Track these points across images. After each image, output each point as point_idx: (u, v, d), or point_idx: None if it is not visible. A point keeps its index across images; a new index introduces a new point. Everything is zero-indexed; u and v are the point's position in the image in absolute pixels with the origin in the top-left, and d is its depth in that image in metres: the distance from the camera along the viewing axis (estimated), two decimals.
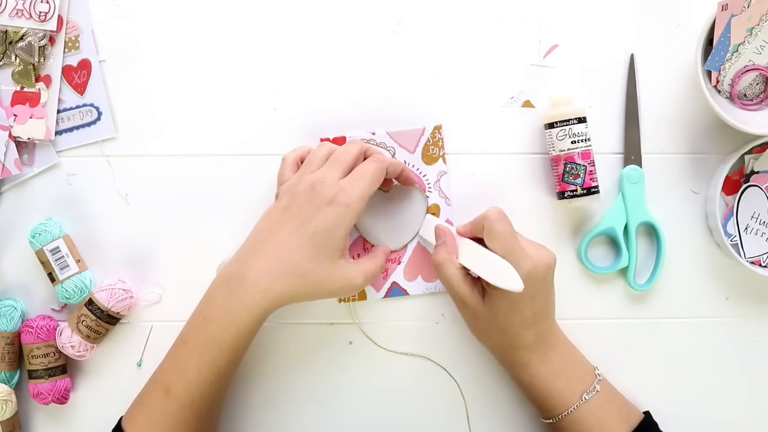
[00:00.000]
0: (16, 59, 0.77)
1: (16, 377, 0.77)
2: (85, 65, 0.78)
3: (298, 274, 0.68)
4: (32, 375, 0.76)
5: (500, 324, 0.71)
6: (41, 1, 0.76)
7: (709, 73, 0.75)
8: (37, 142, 0.77)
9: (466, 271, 0.71)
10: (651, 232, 0.78)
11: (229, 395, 0.78)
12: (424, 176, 0.78)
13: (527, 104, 0.79)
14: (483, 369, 0.78)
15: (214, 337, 0.68)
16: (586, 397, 0.70)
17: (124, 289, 0.76)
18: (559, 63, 0.78)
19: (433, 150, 0.78)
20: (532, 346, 0.71)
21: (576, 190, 0.75)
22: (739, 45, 0.73)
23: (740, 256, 0.76)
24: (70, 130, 0.78)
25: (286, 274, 0.68)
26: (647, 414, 0.73)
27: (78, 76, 0.78)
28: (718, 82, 0.75)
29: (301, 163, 0.74)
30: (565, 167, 0.75)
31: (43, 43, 0.76)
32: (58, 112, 0.78)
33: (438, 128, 0.78)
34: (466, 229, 0.73)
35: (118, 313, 0.76)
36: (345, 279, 0.70)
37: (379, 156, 0.73)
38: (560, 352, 0.72)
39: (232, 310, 0.68)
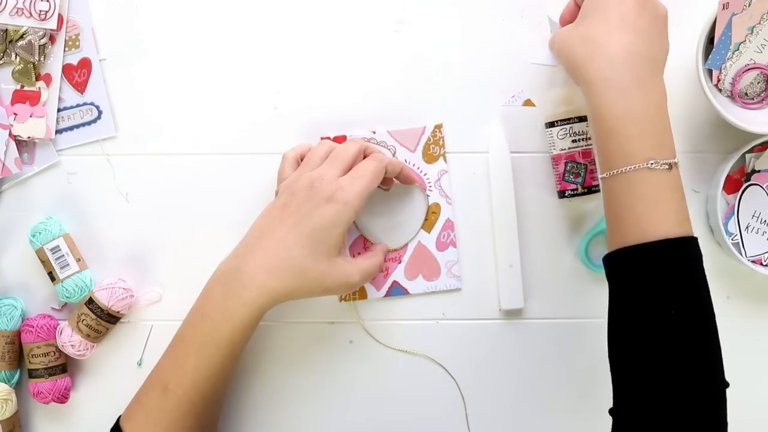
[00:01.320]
0: (16, 58, 0.76)
1: (16, 376, 0.77)
2: (85, 64, 0.78)
3: (295, 270, 0.68)
4: (32, 374, 0.76)
5: (582, 23, 0.68)
6: (41, 0, 0.76)
7: (710, 72, 0.75)
8: (37, 140, 0.77)
9: None
10: None
11: (229, 394, 0.78)
12: (424, 175, 0.78)
13: (528, 103, 0.78)
14: (483, 369, 0.78)
15: (211, 334, 0.68)
16: (653, 164, 0.63)
17: (124, 288, 0.76)
18: (559, 62, 0.78)
19: (433, 149, 0.78)
20: (615, 58, 0.65)
21: (577, 189, 0.75)
22: (740, 44, 0.73)
23: (741, 255, 0.76)
24: (71, 128, 0.78)
25: (283, 270, 0.68)
26: (696, 239, 0.65)
27: (78, 74, 0.78)
28: (719, 80, 0.75)
29: (302, 160, 0.74)
30: (565, 166, 0.75)
31: (43, 41, 0.76)
32: (59, 110, 0.78)
33: (439, 127, 0.78)
34: None
35: (118, 312, 0.76)
36: (342, 276, 0.70)
37: (379, 155, 0.73)
38: (647, 95, 0.65)
39: (229, 307, 0.68)
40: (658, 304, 0.62)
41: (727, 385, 0.62)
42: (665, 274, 0.62)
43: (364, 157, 0.73)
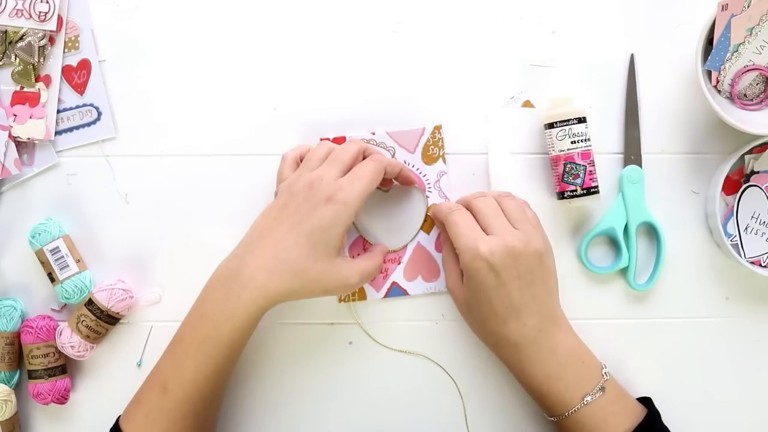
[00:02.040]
0: (15, 59, 0.77)
1: (16, 377, 0.77)
2: (84, 65, 0.78)
3: (294, 271, 0.68)
4: (32, 375, 0.76)
5: (476, 316, 0.71)
6: (41, 1, 0.76)
7: (709, 73, 0.75)
8: (36, 142, 0.77)
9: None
10: (651, 232, 0.78)
11: (229, 395, 0.78)
12: (424, 176, 0.78)
13: (527, 104, 0.78)
14: (482, 369, 0.78)
15: (211, 334, 0.68)
16: (588, 399, 0.69)
17: (123, 289, 0.76)
18: (559, 63, 0.78)
19: (433, 150, 0.78)
20: (518, 345, 0.70)
21: (576, 190, 0.75)
22: (739, 45, 0.73)
23: (740, 256, 0.76)
24: (70, 130, 0.78)
25: (283, 271, 0.68)
26: (649, 403, 0.72)
27: (78, 76, 0.78)
28: (718, 82, 0.75)
29: (301, 161, 0.74)
30: (564, 167, 0.75)
31: (42, 43, 0.76)
32: (58, 112, 0.78)
33: (438, 128, 0.78)
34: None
35: (117, 313, 0.76)
36: (341, 277, 0.70)
37: (378, 156, 0.73)
38: (558, 353, 0.70)
39: (228, 307, 0.68)
40: None
41: None
42: None
43: (364, 158, 0.73)
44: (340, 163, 0.71)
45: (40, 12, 0.76)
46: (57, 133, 0.78)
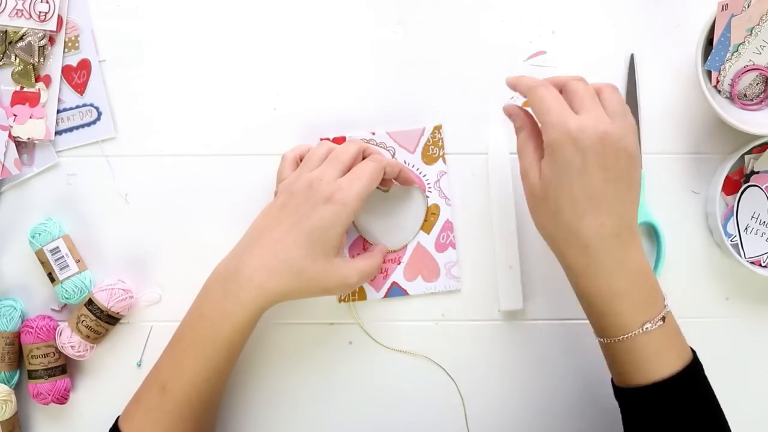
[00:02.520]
0: (15, 59, 0.77)
1: (16, 377, 0.77)
2: (84, 65, 0.78)
3: (293, 271, 0.68)
4: (32, 375, 0.76)
5: (551, 205, 0.64)
6: (41, 1, 0.76)
7: (709, 73, 0.75)
8: (36, 142, 0.77)
9: (540, 153, 0.66)
10: (651, 232, 0.78)
11: (229, 395, 0.78)
12: (424, 176, 0.78)
13: (527, 104, 0.78)
14: (482, 369, 0.78)
15: (210, 334, 0.68)
16: (648, 326, 0.64)
17: (123, 289, 0.76)
18: (558, 63, 0.78)
19: (433, 150, 0.78)
20: (589, 247, 0.64)
21: None
22: (739, 45, 0.73)
23: (740, 256, 0.76)
24: (70, 130, 0.78)
25: (281, 271, 0.68)
26: (694, 353, 0.68)
27: (78, 76, 0.78)
28: (718, 82, 0.75)
29: (301, 161, 0.74)
30: None
31: (42, 43, 0.76)
32: (58, 112, 0.78)
33: (438, 128, 0.78)
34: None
35: (117, 313, 0.76)
36: (340, 277, 0.70)
37: (378, 156, 0.73)
38: (628, 268, 0.64)
39: (227, 307, 0.68)
40: (676, 430, 0.65)
41: None
42: (677, 406, 0.65)
43: (363, 158, 0.73)
44: (340, 163, 0.71)
45: (40, 12, 0.76)
46: (57, 133, 0.78)
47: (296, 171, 0.72)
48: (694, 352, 0.68)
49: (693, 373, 0.67)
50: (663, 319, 0.65)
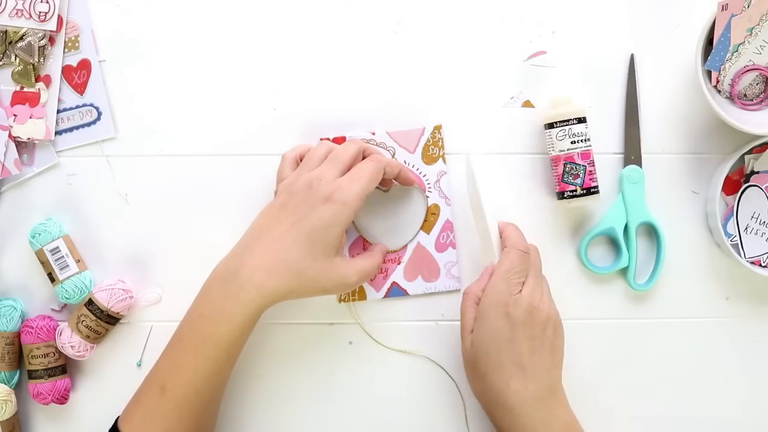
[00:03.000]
0: (15, 59, 0.77)
1: (16, 377, 0.77)
2: (84, 65, 0.78)
3: (292, 271, 0.68)
4: (32, 375, 0.76)
5: (481, 368, 0.69)
6: (41, 1, 0.76)
7: (709, 73, 0.75)
8: (36, 142, 0.77)
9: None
10: (651, 232, 0.78)
11: (229, 395, 0.78)
12: (424, 176, 0.78)
13: (527, 104, 0.78)
14: None
15: (209, 334, 0.68)
16: None
17: (123, 289, 0.76)
18: (559, 63, 0.78)
19: (433, 150, 0.78)
20: (514, 409, 0.68)
21: (575, 191, 0.75)
22: (739, 45, 0.73)
23: (740, 256, 0.76)
24: (70, 130, 0.78)
25: (281, 271, 0.68)
26: None
27: (78, 76, 0.78)
28: (718, 82, 0.75)
29: (301, 161, 0.74)
30: (564, 167, 0.75)
31: (42, 43, 0.76)
32: (58, 112, 0.78)
33: (438, 128, 0.78)
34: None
35: (117, 313, 0.76)
36: (339, 276, 0.70)
37: (378, 156, 0.73)
38: (551, 427, 0.68)
39: (226, 307, 0.68)
40: None
41: None
42: None
43: (363, 158, 0.73)
44: (340, 162, 0.71)
45: (40, 12, 0.76)
46: (57, 133, 0.78)
47: (296, 171, 0.72)
48: None
49: None
50: None
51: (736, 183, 0.77)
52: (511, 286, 0.69)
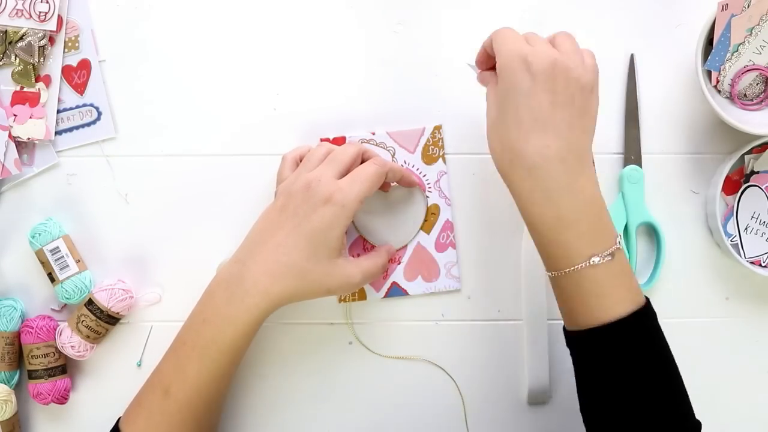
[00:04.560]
0: (15, 59, 0.77)
1: (16, 377, 0.77)
2: (84, 65, 0.78)
3: (295, 274, 0.68)
4: (32, 375, 0.76)
5: (500, 127, 0.65)
6: (41, 1, 0.76)
7: (709, 73, 0.75)
8: (36, 142, 0.77)
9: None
10: (651, 232, 0.78)
11: (229, 395, 0.78)
12: (424, 176, 0.78)
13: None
14: (482, 369, 0.79)
15: (214, 339, 0.68)
16: (595, 260, 0.63)
17: (123, 289, 0.76)
18: None
19: (433, 150, 0.78)
20: (534, 168, 0.63)
21: None
22: (739, 45, 0.73)
23: (740, 256, 0.76)
24: (70, 130, 0.78)
25: (285, 275, 0.68)
26: (647, 300, 0.67)
27: (78, 76, 0.78)
28: (718, 82, 0.75)
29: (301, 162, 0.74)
30: None
31: (42, 43, 0.76)
32: (58, 112, 0.78)
33: (438, 128, 0.78)
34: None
35: (118, 313, 0.76)
36: (343, 277, 0.70)
37: (380, 159, 0.73)
38: (575, 196, 0.63)
39: (231, 312, 0.68)
40: (624, 374, 0.64)
41: (699, 425, 0.66)
42: (626, 350, 0.64)
43: (363, 161, 0.73)
44: (339, 163, 0.71)
45: (40, 12, 0.76)
46: (57, 133, 0.78)
47: (295, 172, 0.72)
48: (647, 299, 0.66)
49: (643, 319, 0.65)
50: (612, 255, 0.63)
51: (736, 183, 0.77)
52: (526, 37, 0.64)
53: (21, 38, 0.76)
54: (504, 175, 0.66)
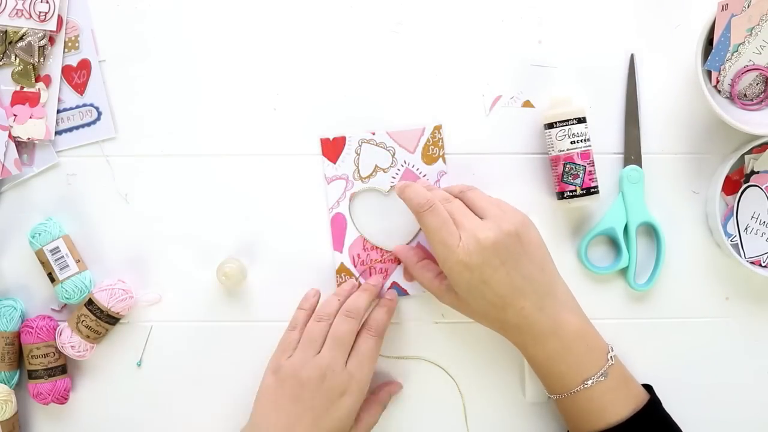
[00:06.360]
0: (15, 59, 0.77)
1: (16, 377, 0.77)
2: (84, 65, 0.78)
3: None
4: (32, 375, 0.76)
5: (475, 308, 0.71)
6: (41, 1, 0.76)
7: (709, 73, 0.75)
8: (36, 142, 0.77)
9: (440, 276, 0.73)
10: (651, 232, 0.78)
11: (229, 395, 0.78)
12: (424, 176, 0.78)
13: (527, 104, 0.78)
14: (482, 369, 0.78)
15: None
16: (589, 383, 0.69)
17: (123, 289, 0.76)
18: (559, 63, 0.78)
19: (433, 150, 0.78)
20: (520, 327, 0.69)
21: (575, 191, 0.75)
22: (739, 45, 0.73)
23: (740, 256, 0.76)
24: (70, 130, 0.78)
25: None
26: (650, 390, 0.72)
27: (78, 76, 0.78)
28: (718, 82, 0.75)
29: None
30: (564, 167, 0.75)
31: (42, 43, 0.76)
32: (58, 112, 0.78)
33: (438, 128, 0.78)
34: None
35: (117, 313, 0.76)
36: None
37: (375, 325, 0.74)
38: (560, 334, 0.69)
39: None
40: None
41: None
42: None
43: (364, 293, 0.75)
44: (345, 345, 0.72)
45: (40, 12, 0.76)
46: (57, 133, 0.78)
47: (298, 352, 0.72)
48: (651, 389, 0.72)
49: (644, 415, 0.69)
50: (605, 374, 0.69)
51: (736, 183, 0.77)
52: (448, 236, 0.68)
53: (21, 38, 0.76)
54: (496, 330, 0.72)
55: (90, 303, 0.75)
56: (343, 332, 0.72)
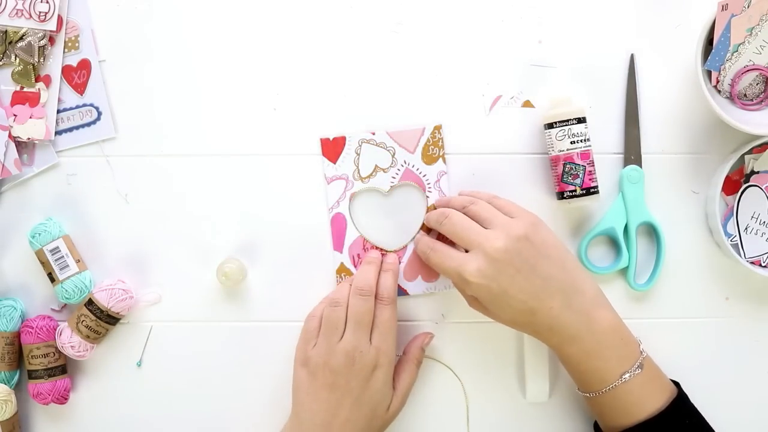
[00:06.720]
0: (15, 59, 0.77)
1: (16, 377, 0.77)
2: (84, 65, 0.78)
3: None
4: (32, 375, 0.76)
5: (504, 318, 0.70)
6: (41, 1, 0.76)
7: (709, 73, 0.75)
8: (36, 142, 0.77)
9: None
10: (651, 232, 0.78)
11: (229, 395, 0.78)
12: (424, 176, 0.78)
13: (527, 104, 0.78)
14: (482, 369, 0.79)
15: None
16: (627, 377, 0.68)
17: (123, 289, 0.76)
18: (559, 63, 0.78)
19: (433, 150, 0.78)
20: (552, 328, 0.69)
21: (575, 191, 0.75)
22: (739, 45, 0.73)
23: (740, 256, 0.76)
24: (70, 130, 0.78)
25: None
26: (678, 386, 0.72)
27: (78, 76, 0.78)
28: (718, 82, 0.75)
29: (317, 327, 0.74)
30: (564, 167, 0.75)
31: (42, 43, 0.76)
32: (58, 112, 0.78)
33: (438, 128, 0.78)
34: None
35: (117, 313, 0.76)
36: (394, 413, 0.74)
37: (386, 293, 0.74)
38: (594, 330, 0.69)
39: None
40: None
41: None
42: None
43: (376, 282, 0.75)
44: (365, 325, 0.72)
45: (40, 12, 0.76)
46: (57, 133, 0.78)
47: (322, 342, 0.72)
48: (678, 384, 0.72)
49: (677, 406, 0.70)
50: (641, 366, 0.69)
51: (736, 183, 0.77)
52: (457, 259, 0.70)
53: (21, 38, 0.76)
54: (529, 334, 0.72)
55: (90, 303, 0.75)
56: (361, 312, 0.72)
